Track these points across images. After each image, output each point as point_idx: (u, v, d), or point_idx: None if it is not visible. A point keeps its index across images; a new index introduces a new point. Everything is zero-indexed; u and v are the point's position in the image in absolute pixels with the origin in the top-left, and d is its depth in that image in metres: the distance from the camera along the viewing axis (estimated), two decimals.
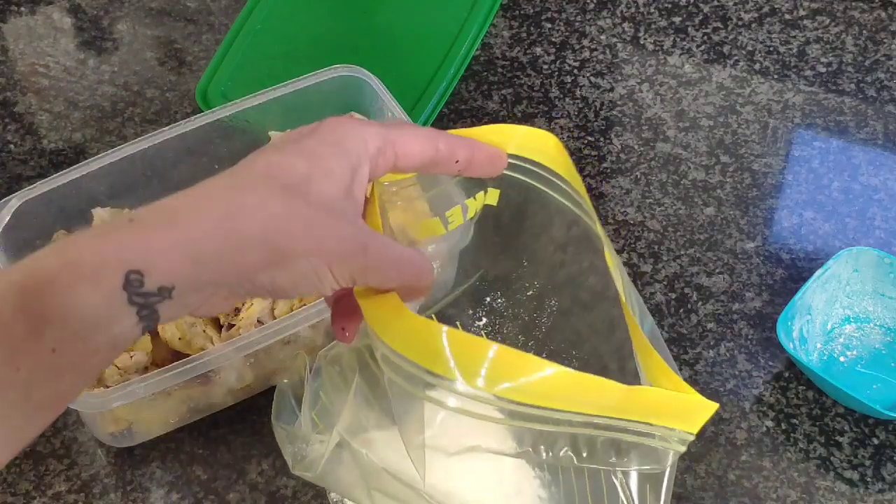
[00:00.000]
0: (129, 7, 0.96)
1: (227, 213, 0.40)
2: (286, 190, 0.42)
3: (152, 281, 0.38)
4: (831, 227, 0.79)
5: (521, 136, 0.52)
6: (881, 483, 0.66)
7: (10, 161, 0.85)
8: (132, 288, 0.38)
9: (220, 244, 0.40)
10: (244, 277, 0.41)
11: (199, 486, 0.66)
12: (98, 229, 0.42)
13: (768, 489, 0.66)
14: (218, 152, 0.75)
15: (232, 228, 0.40)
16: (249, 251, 0.40)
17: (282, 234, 0.41)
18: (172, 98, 0.88)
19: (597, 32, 0.93)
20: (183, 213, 0.40)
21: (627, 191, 0.81)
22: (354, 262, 0.43)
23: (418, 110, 0.83)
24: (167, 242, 0.39)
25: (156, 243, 0.39)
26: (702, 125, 0.86)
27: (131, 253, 0.38)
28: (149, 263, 0.38)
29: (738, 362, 0.72)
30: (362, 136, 0.45)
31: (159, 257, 0.39)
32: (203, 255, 0.39)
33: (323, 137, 0.44)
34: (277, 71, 0.86)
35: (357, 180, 0.44)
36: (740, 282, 0.76)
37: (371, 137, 0.45)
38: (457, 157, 0.49)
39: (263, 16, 0.92)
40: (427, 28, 0.91)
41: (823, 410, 0.69)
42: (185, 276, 0.39)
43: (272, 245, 0.41)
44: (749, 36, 0.92)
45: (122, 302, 0.38)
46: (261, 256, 0.41)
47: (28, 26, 0.95)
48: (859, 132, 0.85)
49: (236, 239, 0.40)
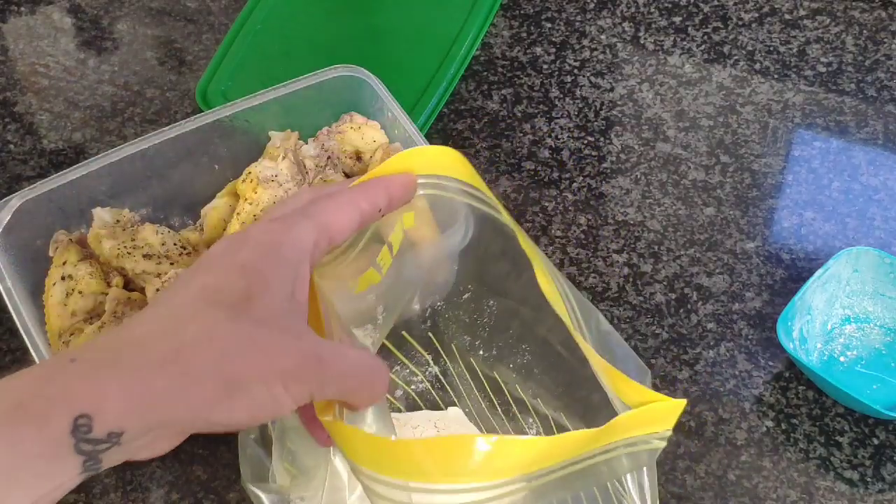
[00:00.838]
0: (129, 7, 0.96)
1: (172, 348, 0.38)
2: (229, 313, 0.39)
3: (101, 426, 0.35)
4: (831, 227, 0.79)
5: (427, 157, 0.52)
6: (881, 483, 0.66)
7: (10, 161, 0.85)
8: (80, 434, 0.35)
9: (170, 382, 0.37)
10: (198, 414, 0.38)
11: (199, 486, 0.66)
12: (39, 369, 0.37)
13: (768, 489, 0.66)
14: (218, 152, 0.75)
15: (181, 364, 0.37)
16: (202, 386, 0.38)
17: (233, 361, 0.38)
18: (172, 98, 0.88)
19: (597, 32, 0.93)
20: (127, 351, 0.37)
21: (627, 191, 0.81)
22: (311, 378, 0.41)
23: (418, 110, 0.83)
24: (115, 383, 0.36)
25: (103, 384, 0.36)
26: (702, 125, 0.86)
27: (78, 395, 0.35)
28: (97, 406, 0.35)
29: (738, 362, 0.72)
30: (297, 237, 0.43)
31: (108, 400, 0.35)
32: (153, 395, 0.37)
33: (256, 247, 0.42)
34: (277, 71, 0.86)
35: (298, 284, 0.42)
36: (740, 282, 0.76)
37: (305, 234, 0.43)
38: (379, 207, 0.47)
39: (263, 16, 0.92)
40: (427, 28, 0.91)
41: (823, 410, 0.69)
42: (135, 418, 0.36)
43: (225, 376, 0.38)
44: (749, 36, 0.92)
45: (68, 449, 0.35)
46: (214, 390, 0.38)
47: (28, 26, 0.95)
48: (859, 132, 0.85)
49: (187, 375, 0.37)
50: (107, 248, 0.69)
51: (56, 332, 0.67)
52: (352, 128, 0.75)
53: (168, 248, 0.70)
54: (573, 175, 0.82)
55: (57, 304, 0.67)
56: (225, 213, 0.73)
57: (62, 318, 0.67)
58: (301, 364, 0.40)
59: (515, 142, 0.85)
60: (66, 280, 0.68)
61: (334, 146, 0.75)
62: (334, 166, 0.75)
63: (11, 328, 0.70)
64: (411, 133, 0.72)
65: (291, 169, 0.73)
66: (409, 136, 0.73)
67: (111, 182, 0.72)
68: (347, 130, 0.75)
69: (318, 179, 0.74)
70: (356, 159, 0.75)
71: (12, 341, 0.73)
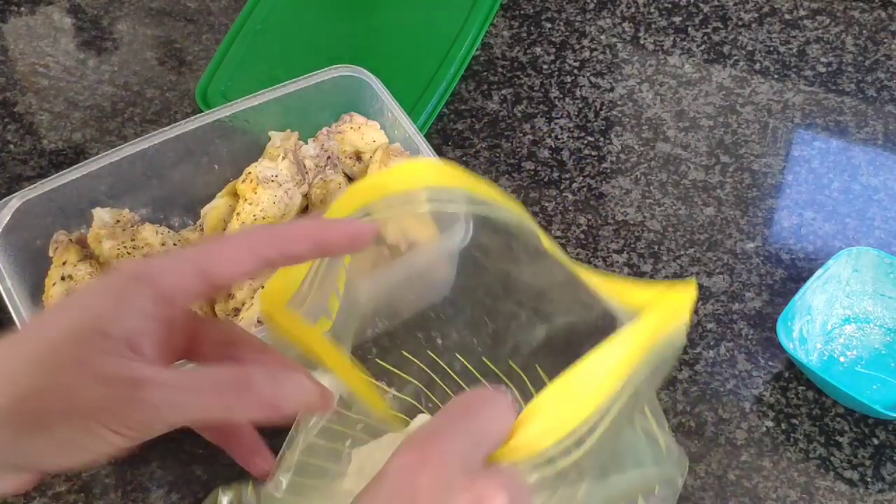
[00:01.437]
0: (129, 7, 0.96)
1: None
2: (30, 346, 0.38)
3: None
4: (831, 227, 0.79)
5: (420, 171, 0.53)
6: (881, 483, 0.66)
7: (10, 161, 0.85)
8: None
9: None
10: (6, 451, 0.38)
11: (199, 486, 0.66)
12: None
13: (768, 489, 0.66)
14: (218, 152, 0.75)
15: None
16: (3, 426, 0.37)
17: (31, 397, 0.37)
18: (172, 98, 0.88)
19: (597, 32, 0.93)
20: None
21: (627, 191, 0.81)
22: (131, 407, 0.39)
23: (418, 110, 0.83)
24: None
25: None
26: (702, 125, 0.86)
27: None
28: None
29: (738, 362, 0.72)
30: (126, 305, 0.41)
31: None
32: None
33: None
34: (277, 71, 0.86)
35: (127, 311, 0.40)
36: (740, 282, 0.76)
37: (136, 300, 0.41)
38: (296, 254, 0.46)
39: (263, 16, 0.92)
40: (427, 28, 0.91)
41: (823, 410, 0.69)
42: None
43: (24, 411, 0.37)
44: (749, 36, 0.92)
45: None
46: (14, 428, 0.37)
47: (28, 26, 0.95)
48: (859, 132, 0.85)
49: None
50: (107, 248, 0.69)
51: None
52: (352, 128, 0.75)
53: (168, 248, 0.70)
54: (573, 175, 0.82)
55: None
56: (225, 213, 0.73)
57: None
58: (113, 393, 0.39)
59: (515, 142, 0.85)
60: (66, 280, 0.68)
61: (334, 146, 0.75)
62: (334, 166, 0.75)
63: (12, 328, 0.70)
64: (411, 133, 0.72)
65: (291, 169, 0.73)
66: (409, 137, 0.73)
67: (111, 182, 0.72)
68: (347, 131, 0.75)
69: (318, 179, 0.74)
70: (356, 159, 0.75)
71: None
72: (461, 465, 0.41)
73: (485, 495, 0.40)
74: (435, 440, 0.41)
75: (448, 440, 0.42)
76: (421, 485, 0.40)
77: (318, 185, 0.74)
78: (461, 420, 0.43)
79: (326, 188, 0.73)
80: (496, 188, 0.52)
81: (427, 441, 0.41)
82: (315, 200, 0.73)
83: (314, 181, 0.74)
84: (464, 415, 0.43)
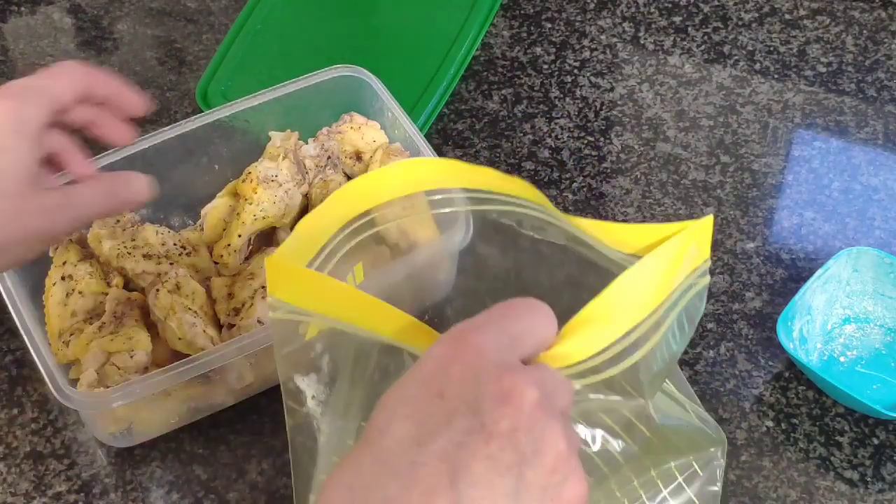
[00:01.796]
0: (129, 7, 0.96)
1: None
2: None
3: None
4: (831, 227, 0.79)
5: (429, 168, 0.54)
6: (881, 483, 0.66)
7: None
8: None
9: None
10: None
11: (199, 485, 0.66)
12: None
13: (768, 489, 0.66)
14: (218, 152, 0.76)
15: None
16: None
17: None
18: (172, 98, 0.88)
19: (597, 32, 0.93)
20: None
21: (627, 191, 0.81)
22: (62, 228, 0.59)
23: (418, 110, 0.83)
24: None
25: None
26: (702, 125, 0.86)
27: None
28: None
29: (738, 362, 0.72)
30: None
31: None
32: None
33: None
34: (277, 71, 0.86)
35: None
36: (740, 282, 0.76)
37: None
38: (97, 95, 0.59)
39: (263, 16, 0.92)
40: (427, 28, 0.91)
41: (823, 410, 0.69)
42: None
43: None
44: (749, 36, 0.92)
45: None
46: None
47: (28, 26, 0.95)
48: (859, 132, 0.85)
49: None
50: (107, 248, 0.69)
51: (56, 333, 0.67)
52: (352, 128, 0.75)
53: (168, 248, 0.70)
54: (573, 175, 0.82)
55: (57, 304, 0.67)
56: (225, 213, 0.73)
57: (62, 318, 0.67)
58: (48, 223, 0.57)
59: (515, 142, 0.85)
60: (66, 280, 0.68)
61: (334, 146, 0.75)
62: (334, 166, 0.75)
63: (11, 328, 0.70)
64: (411, 133, 0.72)
65: (291, 169, 0.73)
66: (409, 137, 0.73)
67: None
68: (347, 130, 0.75)
69: (318, 179, 0.74)
70: (356, 159, 0.75)
71: (12, 341, 0.73)
72: (494, 359, 0.41)
73: (514, 389, 0.40)
74: (470, 334, 0.42)
75: (483, 335, 0.42)
76: (451, 373, 0.41)
77: (319, 185, 0.74)
78: (501, 320, 0.43)
79: (326, 188, 0.73)
80: (494, 171, 0.52)
81: (462, 334, 0.42)
82: (315, 200, 0.73)
83: (314, 181, 0.74)
84: (504, 316, 0.44)
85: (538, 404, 0.40)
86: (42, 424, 0.69)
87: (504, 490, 0.39)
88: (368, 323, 0.49)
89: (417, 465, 0.39)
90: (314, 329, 0.51)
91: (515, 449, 0.39)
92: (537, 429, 0.40)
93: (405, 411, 0.41)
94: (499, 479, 0.39)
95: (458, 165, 0.53)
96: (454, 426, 0.40)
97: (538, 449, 0.40)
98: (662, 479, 0.54)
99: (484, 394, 0.40)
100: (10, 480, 0.67)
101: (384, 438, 0.40)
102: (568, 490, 0.41)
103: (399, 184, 0.53)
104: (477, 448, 0.39)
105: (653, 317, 0.48)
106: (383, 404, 0.42)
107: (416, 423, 0.40)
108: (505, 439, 0.39)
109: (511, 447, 0.39)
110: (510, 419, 0.40)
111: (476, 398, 0.40)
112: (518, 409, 0.40)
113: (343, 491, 0.40)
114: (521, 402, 0.40)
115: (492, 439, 0.39)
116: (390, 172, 0.53)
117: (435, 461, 0.39)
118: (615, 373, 0.48)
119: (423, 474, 0.39)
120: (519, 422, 0.40)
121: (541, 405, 0.41)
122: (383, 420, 0.41)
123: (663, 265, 0.48)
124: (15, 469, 0.67)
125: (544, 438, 0.40)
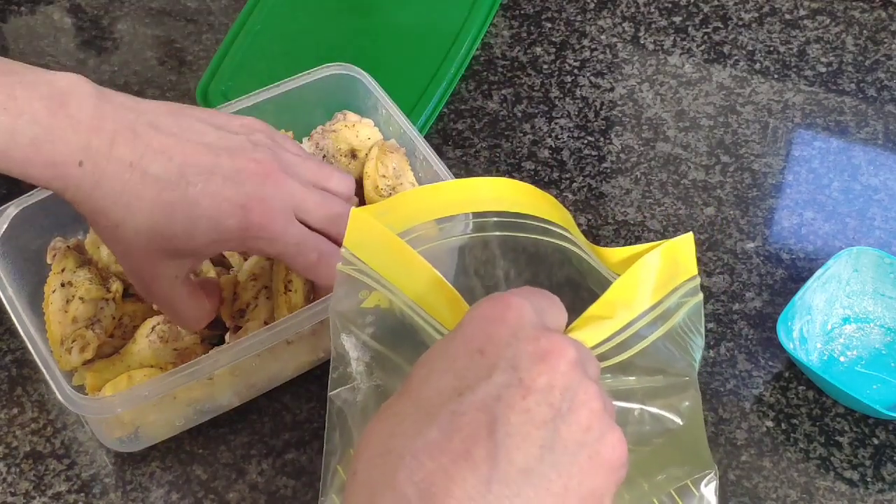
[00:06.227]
0: (129, 7, 0.96)
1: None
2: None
3: None
4: (831, 227, 0.79)
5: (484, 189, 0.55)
6: (881, 483, 0.66)
7: None
8: None
9: None
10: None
11: (199, 485, 0.66)
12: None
13: (768, 489, 0.66)
14: None
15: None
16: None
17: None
18: (172, 98, 0.88)
19: (597, 32, 0.93)
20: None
21: (627, 191, 0.81)
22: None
23: (418, 110, 0.83)
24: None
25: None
26: (702, 125, 0.86)
27: None
28: None
29: (738, 362, 0.72)
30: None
31: None
32: None
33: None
34: (277, 71, 0.86)
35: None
36: (740, 282, 0.76)
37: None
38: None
39: (263, 16, 0.92)
40: (427, 28, 0.91)
41: (823, 410, 0.69)
42: None
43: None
44: (749, 36, 0.92)
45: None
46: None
47: (28, 26, 0.95)
48: (859, 132, 0.85)
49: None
50: (105, 254, 0.69)
51: (57, 340, 0.66)
52: (346, 126, 0.75)
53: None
54: (573, 175, 0.82)
55: (57, 312, 0.67)
56: None
57: (63, 325, 0.66)
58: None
59: (515, 142, 0.85)
60: (65, 287, 0.67)
61: (329, 145, 0.75)
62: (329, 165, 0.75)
63: (11, 328, 0.70)
64: (406, 129, 0.73)
65: None
66: (404, 133, 0.73)
67: None
68: (342, 129, 0.75)
69: None
70: (351, 157, 0.75)
71: (12, 341, 0.73)
72: (533, 321, 0.44)
73: (552, 349, 0.43)
74: (512, 298, 0.45)
75: (523, 300, 0.45)
76: (492, 332, 0.43)
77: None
78: (531, 295, 0.46)
79: None
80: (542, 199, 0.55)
81: (504, 297, 0.45)
82: None
83: None
84: (533, 293, 0.46)
85: (574, 365, 0.43)
86: (42, 424, 0.69)
87: (540, 442, 0.41)
88: (431, 306, 0.50)
89: (457, 414, 0.41)
90: (374, 300, 0.51)
91: (551, 404, 0.42)
92: (572, 387, 0.42)
93: (446, 365, 0.43)
94: (535, 431, 0.41)
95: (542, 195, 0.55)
96: (493, 380, 0.42)
97: (573, 406, 0.42)
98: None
99: (523, 352, 0.42)
100: (10, 480, 0.67)
101: (425, 388, 0.43)
102: (607, 450, 0.43)
103: (492, 198, 0.55)
104: (514, 401, 0.41)
105: (636, 325, 0.50)
106: (424, 360, 0.44)
107: (456, 377, 0.42)
108: (541, 394, 0.42)
109: (547, 402, 0.42)
110: (547, 376, 0.42)
111: (515, 355, 0.42)
112: (554, 367, 0.42)
113: (384, 437, 0.42)
114: (557, 361, 0.42)
115: (529, 394, 0.42)
116: (497, 185, 0.55)
117: (474, 411, 0.41)
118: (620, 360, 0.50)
119: (462, 423, 0.41)
120: (555, 379, 0.42)
121: (576, 367, 0.43)
122: (424, 373, 0.43)
123: (638, 273, 0.50)
124: (15, 469, 0.67)
125: (578, 396, 0.42)
